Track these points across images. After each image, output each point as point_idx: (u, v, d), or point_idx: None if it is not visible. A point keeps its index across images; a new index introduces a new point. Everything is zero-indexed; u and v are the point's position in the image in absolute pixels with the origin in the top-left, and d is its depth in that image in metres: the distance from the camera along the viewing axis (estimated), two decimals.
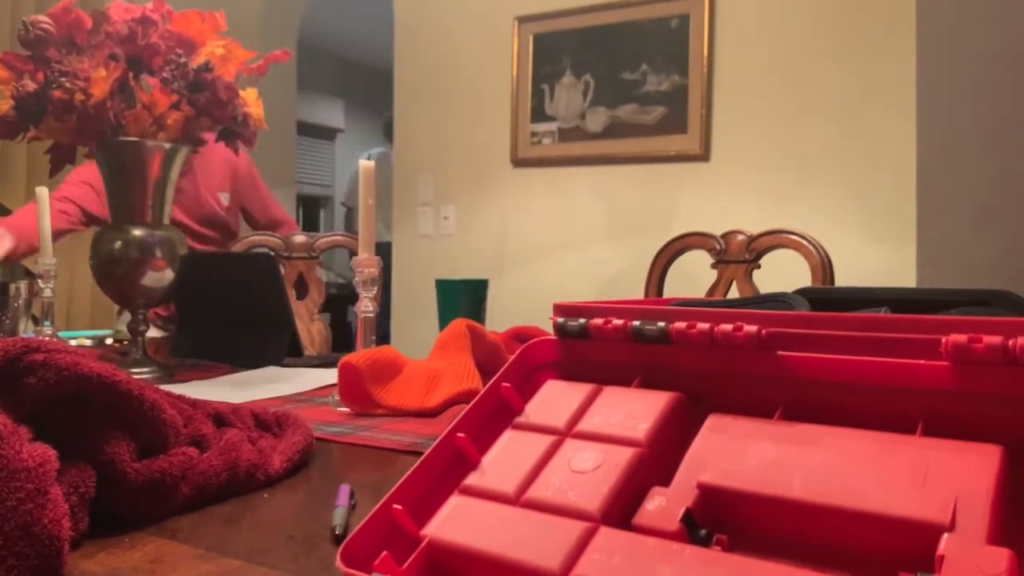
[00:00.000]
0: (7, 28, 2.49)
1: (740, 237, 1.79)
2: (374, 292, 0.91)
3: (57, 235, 1.89)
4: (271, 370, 1.18)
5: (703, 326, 0.41)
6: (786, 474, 0.34)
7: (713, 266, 1.82)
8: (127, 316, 1.21)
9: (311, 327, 1.97)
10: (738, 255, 1.79)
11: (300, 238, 2.08)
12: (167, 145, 1.12)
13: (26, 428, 0.40)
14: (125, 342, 1.45)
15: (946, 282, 2.23)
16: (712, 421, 0.39)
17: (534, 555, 0.34)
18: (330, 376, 1.06)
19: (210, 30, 1.12)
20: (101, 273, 1.12)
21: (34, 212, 1.37)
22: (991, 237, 2.24)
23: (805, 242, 1.70)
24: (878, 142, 2.26)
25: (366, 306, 0.90)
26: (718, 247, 1.81)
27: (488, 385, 0.45)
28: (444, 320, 1.09)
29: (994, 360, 0.33)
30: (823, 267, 1.67)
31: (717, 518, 0.35)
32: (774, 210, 2.38)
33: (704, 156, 2.50)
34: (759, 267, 1.78)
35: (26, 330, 1.28)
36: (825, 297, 0.49)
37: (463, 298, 1.13)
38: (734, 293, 1.79)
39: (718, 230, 1.85)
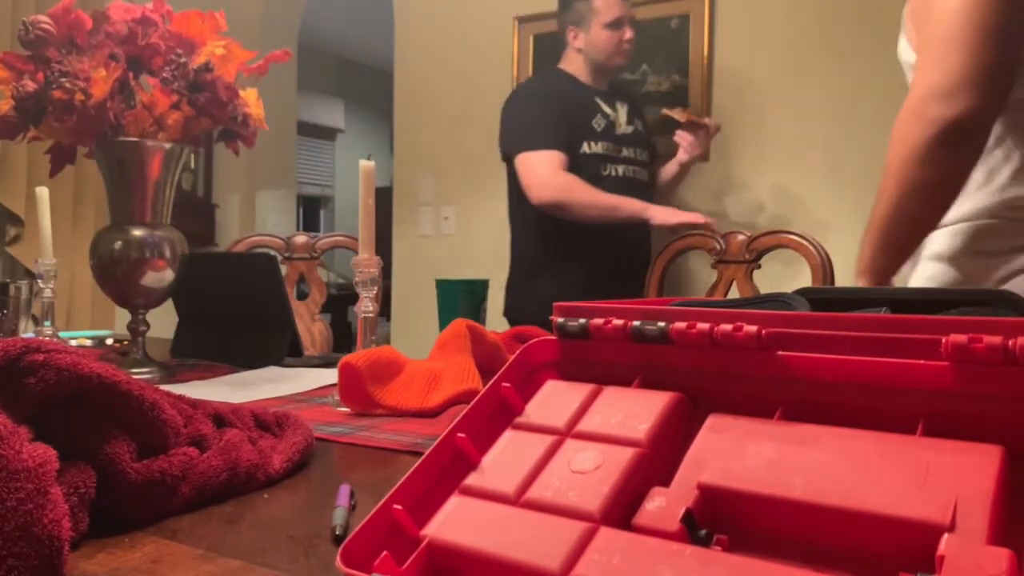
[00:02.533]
0: (7, 28, 2.49)
1: (740, 237, 1.79)
2: (374, 292, 0.91)
3: None
4: (271, 370, 1.17)
5: (703, 326, 0.41)
6: (786, 474, 0.34)
7: (713, 266, 1.82)
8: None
9: (312, 327, 1.97)
10: (738, 255, 1.79)
11: (301, 238, 2.08)
12: (167, 145, 1.12)
13: (26, 428, 0.40)
14: (126, 342, 1.45)
15: None
16: (712, 421, 0.39)
17: (534, 555, 0.34)
18: (330, 376, 1.06)
19: (210, 30, 1.12)
20: (101, 273, 1.12)
21: None
22: None
23: (805, 242, 1.71)
24: (878, 142, 2.25)
25: (366, 306, 0.90)
26: (718, 247, 1.81)
27: (488, 385, 0.45)
28: (444, 320, 1.09)
29: (994, 360, 0.33)
30: (823, 267, 1.67)
31: (717, 518, 0.35)
32: (774, 210, 2.38)
33: (704, 156, 2.50)
34: (759, 267, 1.78)
35: (26, 330, 1.29)
36: (825, 297, 0.49)
37: (463, 298, 1.13)
38: (734, 293, 1.79)
39: (718, 230, 1.85)
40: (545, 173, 2.03)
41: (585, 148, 2.12)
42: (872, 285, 1.07)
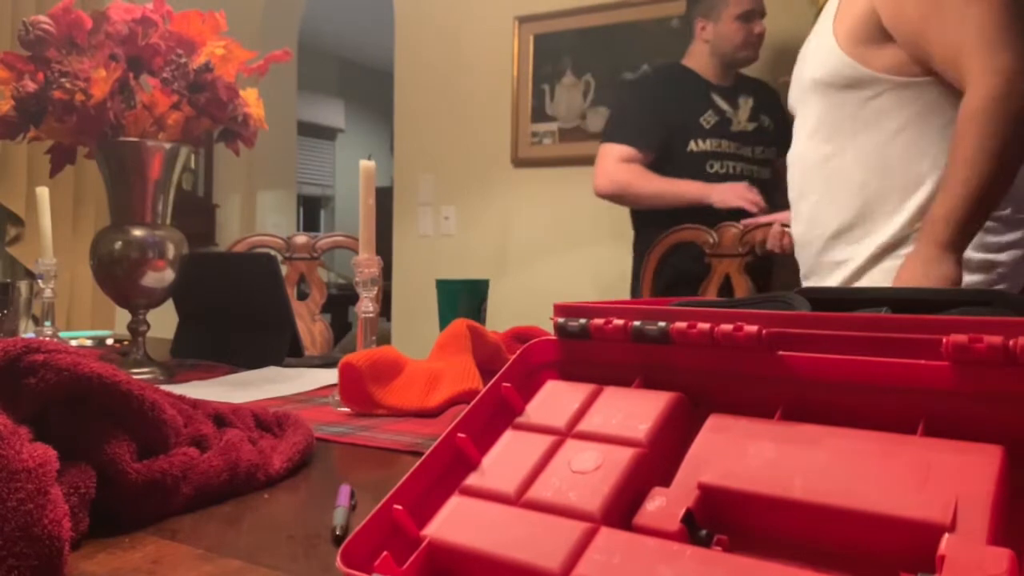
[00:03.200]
0: (7, 28, 2.49)
1: (733, 230, 1.79)
2: (374, 292, 0.91)
3: None
4: (271, 370, 1.18)
5: (704, 326, 0.41)
6: (787, 474, 0.34)
7: (707, 260, 1.81)
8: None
9: (312, 327, 1.97)
10: (731, 248, 1.78)
11: (301, 238, 2.08)
12: (167, 145, 1.12)
13: (26, 428, 0.40)
14: (126, 342, 1.45)
15: None
16: (712, 421, 0.39)
17: (534, 555, 0.34)
18: (331, 376, 1.06)
19: (210, 30, 1.12)
20: (101, 274, 1.12)
21: None
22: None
23: None
24: None
25: (366, 306, 0.90)
26: (711, 240, 1.80)
27: (488, 385, 0.45)
28: (444, 320, 1.09)
29: (995, 360, 0.33)
30: None
31: (718, 518, 0.35)
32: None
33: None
34: (752, 262, 1.78)
35: (27, 330, 1.28)
36: (825, 297, 0.49)
37: (463, 298, 1.13)
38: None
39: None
40: (608, 166, 2.13)
41: (692, 146, 2.12)
42: (955, 261, 1.10)
